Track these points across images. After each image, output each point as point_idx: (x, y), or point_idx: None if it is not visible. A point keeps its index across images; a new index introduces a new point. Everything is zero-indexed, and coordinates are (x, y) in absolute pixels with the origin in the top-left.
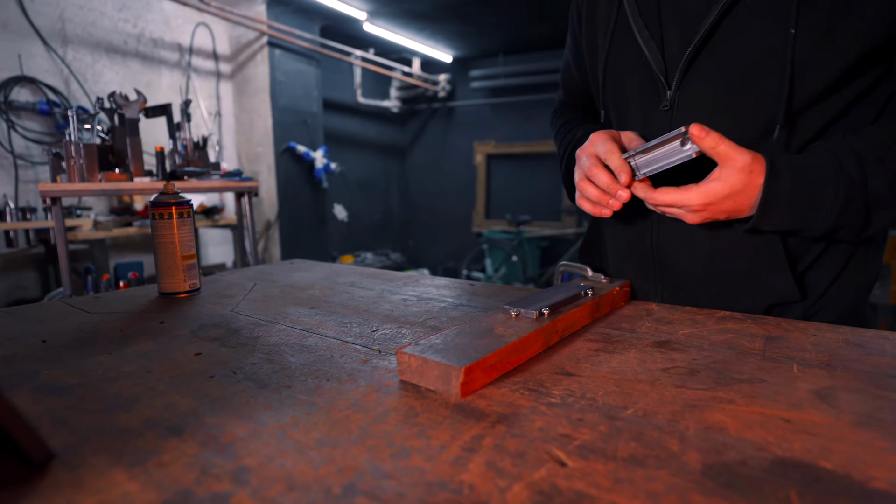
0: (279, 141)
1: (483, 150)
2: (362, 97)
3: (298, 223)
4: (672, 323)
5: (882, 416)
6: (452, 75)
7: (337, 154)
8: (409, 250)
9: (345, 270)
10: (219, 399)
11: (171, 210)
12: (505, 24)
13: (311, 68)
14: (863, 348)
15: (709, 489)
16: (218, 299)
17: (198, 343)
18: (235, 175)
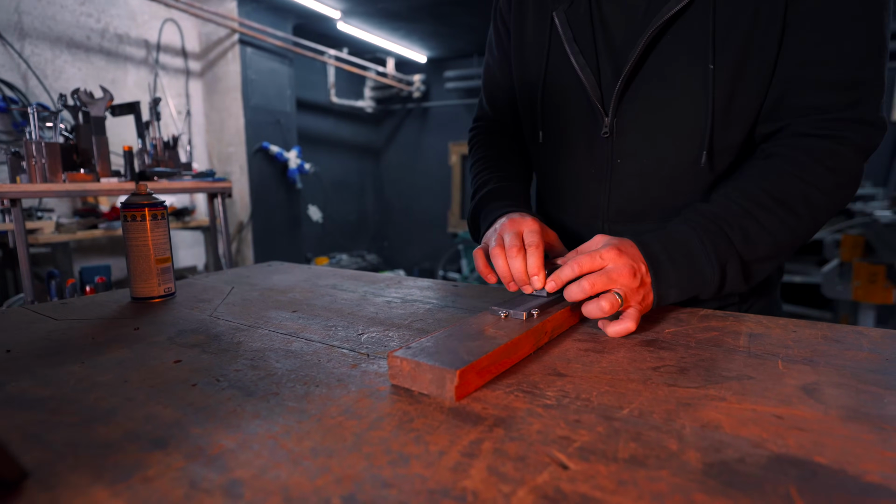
0: (251, 141)
1: (458, 151)
2: (336, 97)
3: (272, 225)
4: (657, 322)
5: (867, 410)
6: (427, 76)
7: (311, 154)
8: (384, 251)
9: (325, 272)
10: (203, 408)
11: (144, 212)
12: (479, 25)
13: (284, 67)
14: (841, 343)
15: (711, 488)
16: (195, 304)
17: (177, 350)
18: (208, 176)
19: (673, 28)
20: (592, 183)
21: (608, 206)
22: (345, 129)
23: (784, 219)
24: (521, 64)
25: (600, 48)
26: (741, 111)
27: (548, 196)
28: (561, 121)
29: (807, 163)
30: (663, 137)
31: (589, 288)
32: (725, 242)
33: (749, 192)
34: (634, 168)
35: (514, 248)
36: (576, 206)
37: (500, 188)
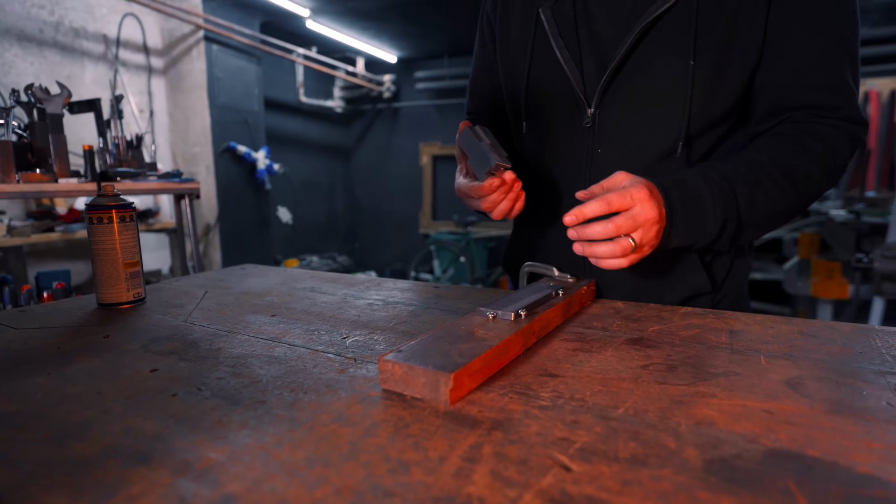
0: (218, 140)
1: (429, 152)
2: (305, 96)
3: (240, 226)
4: (640, 320)
5: (849, 403)
6: (397, 76)
7: (280, 155)
8: (355, 253)
9: (301, 275)
10: (186, 419)
11: (112, 213)
12: (449, 25)
13: (252, 65)
14: (816, 338)
15: (713, 485)
16: (167, 309)
17: (152, 358)
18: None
19: (657, 26)
20: (573, 172)
21: None
22: (314, 129)
23: (787, 192)
24: (506, 59)
25: (584, 43)
26: (718, 105)
27: (530, 184)
28: (544, 112)
29: (811, 143)
30: (643, 128)
31: (614, 230)
32: (732, 204)
33: (762, 163)
34: (614, 157)
35: None
36: (557, 195)
37: None
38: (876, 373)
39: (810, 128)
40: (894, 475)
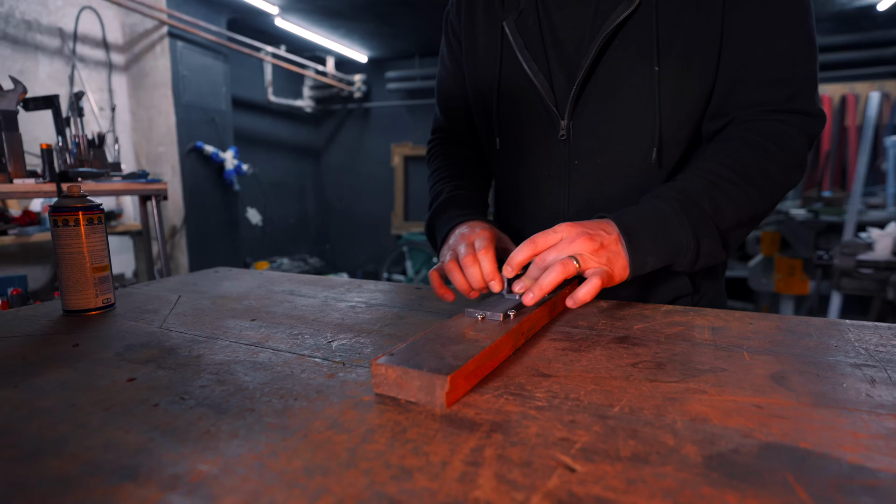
0: (184, 140)
1: (400, 152)
2: (274, 96)
3: (208, 228)
4: (624, 318)
5: (833, 396)
6: (368, 76)
7: (248, 155)
8: (326, 254)
9: (278, 278)
10: (172, 430)
11: (78, 216)
12: (421, 26)
13: (219, 63)
14: (793, 333)
15: (716, 481)
16: (139, 315)
17: (128, 367)
18: (141, 177)
19: (620, 33)
20: (551, 185)
21: (567, 206)
22: (283, 128)
23: (748, 191)
24: (473, 73)
25: (551, 55)
26: (687, 109)
27: (508, 201)
28: (517, 126)
29: (760, 142)
30: (617, 137)
31: (541, 263)
32: (697, 211)
33: (712, 168)
34: (591, 168)
35: (468, 257)
36: (536, 209)
37: (454, 197)
38: (852, 365)
39: (758, 126)
40: (882, 464)
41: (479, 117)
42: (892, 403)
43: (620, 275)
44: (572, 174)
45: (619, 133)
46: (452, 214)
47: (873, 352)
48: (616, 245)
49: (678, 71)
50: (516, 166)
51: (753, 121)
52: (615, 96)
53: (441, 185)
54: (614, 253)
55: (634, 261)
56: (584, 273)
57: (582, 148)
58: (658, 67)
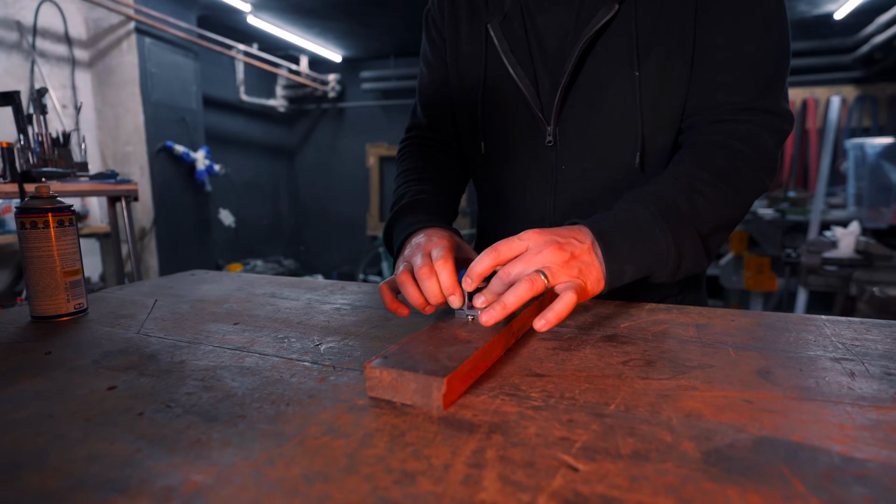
0: (153, 140)
1: (376, 153)
2: (246, 95)
3: (178, 230)
4: (610, 317)
5: (817, 389)
6: (342, 76)
7: (220, 155)
8: (301, 256)
9: (258, 280)
10: (160, 440)
11: (48, 217)
12: (396, 25)
13: (189, 61)
14: (773, 329)
15: (716, 476)
16: (115, 320)
17: (107, 374)
18: (110, 177)
19: (601, 39)
20: (538, 190)
21: (553, 210)
22: (256, 128)
23: (725, 191)
24: (457, 75)
25: (536, 59)
26: (668, 112)
27: (492, 205)
28: (503, 132)
29: (731, 142)
30: (602, 142)
31: (505, 277)
32: (677, 215)
33: (687, 171)
34: (577, 173)
35: (424, 268)
36: (522, 213)
37: (414, 202)
38: (832, 359)
39: (727, 128)
40: (869, 454)
41: (463, 120)
42: (872, 395)
43: (594, 288)
44: (559, 179)
45: (604, 138)
46: (410, 221)
47: (850, 346)
48: (589, 255)
49: (658, 76)
50: (502, 171)
51: (722, 121)
52: (599, 101)
53: (404, 189)
54: (586, 264)
55: (611, 270)
56: (555, 288)
57: (568, 153)
58: (638, 73)
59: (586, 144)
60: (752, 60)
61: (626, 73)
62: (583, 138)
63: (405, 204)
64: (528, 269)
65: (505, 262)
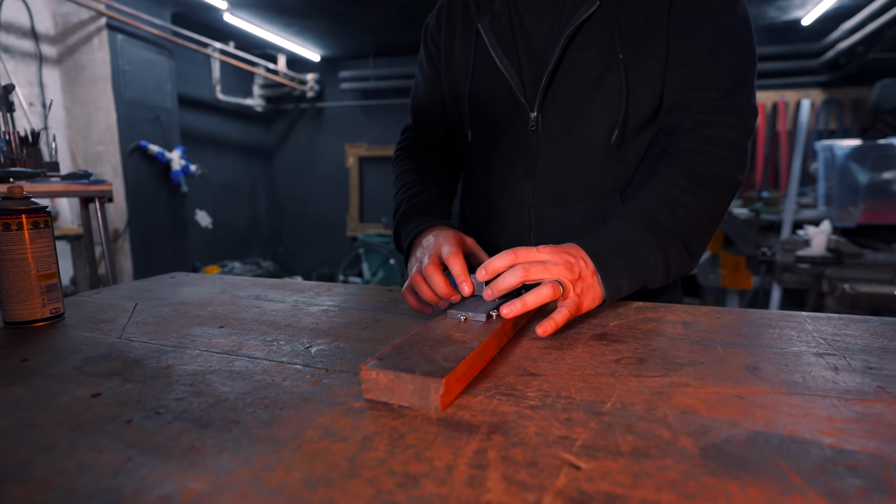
0: (126, 139)
1: (355, 153)
2: (222, 94)
3: (153, 232)
4: (599, 316)
5: (804, 384)
6: (321, 75)
7: (196, 155)
8: (279, 257)
9: (241, 282)
10: (152, 448)
11: (21, 219)
12: (375, 25)
13: (163, 59)
14: (757, 326)
15: (715, 471)
16: (94, 325)
17: (89, 381)
18: (83, 177)
19: (583, 31)
20: (519, 172)
21: (533, 192)
22: (233, 128)
23: (703, 196)
24: (449, 72)
25: (522, 52)
26: (644, 95)
27: (477, 189)
28: (489, 119)
29: (706, 147)
30: (582, 125)
31: (523, 273)
32: (660, 228)
33: (669, 180)
34: (557, 155)
35: (430, 266)
36: (505, 195)
37: (416, 204)
38: (815, 354)
39: (702, 134)
40: (859, 446)
41: (452, 112)
42: (856, 388)
43: (589, 306)
44: (538, 162)
45: (584, 121)
46: (416, 223)
47: (831, 341)
48: (592, 278)
49: (637, 58)
50: (486, 156)
51: (699, 126)
52: (581, 87)
53: (403, 193)
54: (589, 286)
55: (608, 286)
56: (559, 302)
57: (550, 137)
58: (622, 55)
59: (567, 128)
60: (725, 60)
61: (608, 56)
62: (564, 122)
63: (407, 208)
64: (547, 277)
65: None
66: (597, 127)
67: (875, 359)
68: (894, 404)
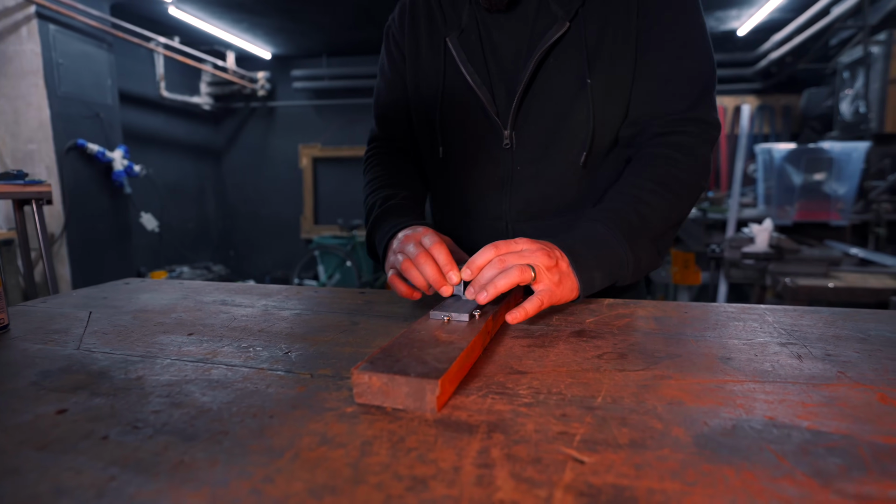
0: (62, 137)
1: (309, 154)
2: (167, 91)
3: (93, 236)
4: (574, 313)
5: (775, 372)
6: (272, 73)
7: (140, 155)
8: (230, 261)
9: (203, 287)
10: (135, 465)
11: None
12: (329, 24)
13: (103, 52)
14: (723, 318)
15: (710, 458)
16: (46, 336)
17: (51, 397)
18: (17, 178)
19: (554, 52)
20: (494, 189)
21: (509, 209)
22: (179, 127)
23: (667, 198)
24: (416, 85)
25: (492, 69)
26: (611, 118)
27: (449, 207)
28: (461, 136)
29: (671, 154)
30: (555, 144)
31: (500, 265)
32: (627, 225)
33: (634, 182)
34: (531, 172)
35: (421, 255)
36: (481, 211)
37: (391, 207)
38: (780, 344)
39: (668, 140)
40: (832, 427)
41: (421, 127)
42: (820, 375)
43: (567, 296)
44: (514, 179)
45: (556, 140)
46: (393, 223)
47: (791, 331)
48: (568, 267)
49: (604, 84)
50: (460, 174)
51: (663, 134)
52: (552, 107)
53: (375, 197)
54: (565, 274)
55: (583, 279)
56: (534, 286)
57: (525, 155)
58: (590, 80)
59: (540, 146)
60: (689, 74)
61: (577, 82)
62: (537, 141)
63: (381, 211)
64: (521, 262)
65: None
66: (570, 146)
67: (832, 346)
68: (856, 387)
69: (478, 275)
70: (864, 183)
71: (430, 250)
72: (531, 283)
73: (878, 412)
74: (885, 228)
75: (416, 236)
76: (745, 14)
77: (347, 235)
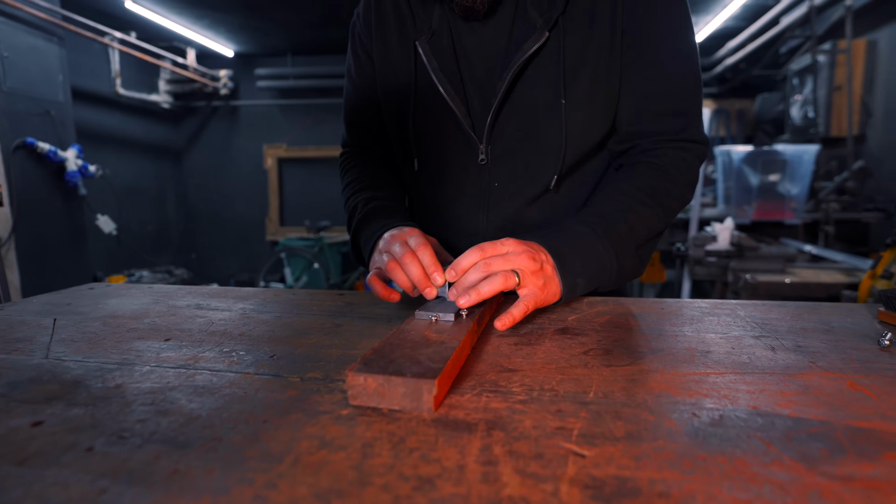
0: (9, 135)
1: (274, 154)
2: (123, 88)
3: (45, 240)
4: (556, 311)
5: (752, 364)
6: (235, 72)
7: (95, 155)
8: (193, 264)
9: (174, 291)
10: (127, 476)
11: None
12: (294, 22)
13: (52, 46)
14: (698, 314)
15: (704, 448)
16: (7, 345)
17: (25, 409)
18: None
19: (532, 64)
20: (471, 205)
21: (487, 225)
22: (136, 126)
23: (655, 209)
24: (385, 91)
25: (466, 79)
26: (591, 136)
27: (428, 218)
28: (436, 149)
29: (664, 166)
30: (532, 161)
31: (485, 269)
32: (616, 233)
33: (625, 190)
34: (509, 190)
35: (406, 255)
36: (456, 228)
37: (374, 209)
38: (753, 337)
39: (658, 154)
40: (811, 414)
41: (395, 137)
42: (794, 365)
43: (550, 300)
44: (491, 195)
45: (533, 157)
46: (380, 224)
47: (762, 325)
48: (553, 271)
49: (584, 102)
50: (435, 187)
51: (657, 149)
52: (529, 124)
53: (356, 199)
54: (549, 277)
55: (567, 284)
56: (518, 290)
57: (501, 171)
58: (564, 101)
59: (517, 163)
60: (679, 93)
61: (553, 99)
62: (514, 158)
63: (365, 214)
64: (505, 267)
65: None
66: (544, 166)
67: (801, 338)
68: (827, 376)
69: (461, 277)
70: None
71: (415, 251)
72: (516, 288)
73: (849, 398)
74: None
75: (403, 236)
76: (703, 21)
77: (315, 237)
